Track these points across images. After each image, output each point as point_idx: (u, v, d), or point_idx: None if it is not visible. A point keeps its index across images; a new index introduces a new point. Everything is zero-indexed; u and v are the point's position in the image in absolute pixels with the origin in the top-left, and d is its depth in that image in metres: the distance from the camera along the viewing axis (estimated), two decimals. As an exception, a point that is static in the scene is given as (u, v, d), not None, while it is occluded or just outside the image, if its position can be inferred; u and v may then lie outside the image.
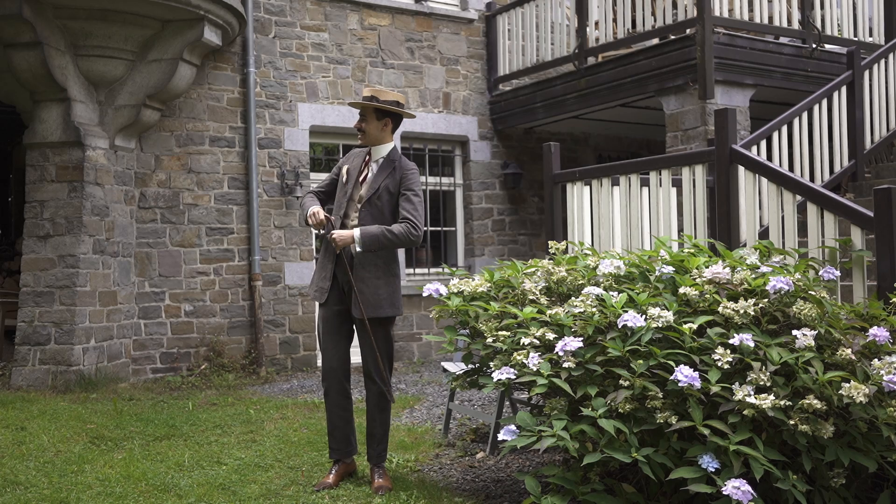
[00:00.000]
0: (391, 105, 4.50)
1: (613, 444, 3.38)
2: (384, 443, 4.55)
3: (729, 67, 7.99)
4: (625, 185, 5.74)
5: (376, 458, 4.53)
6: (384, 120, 4.53)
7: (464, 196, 10.54)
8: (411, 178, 4.48)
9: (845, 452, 3.34)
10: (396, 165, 4.51)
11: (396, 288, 4.52)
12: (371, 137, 4.55)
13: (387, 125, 4.55)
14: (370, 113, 4.51)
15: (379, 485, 4.38)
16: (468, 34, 10.48)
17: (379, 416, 4.53)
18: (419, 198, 4.46)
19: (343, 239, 4.33)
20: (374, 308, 4.42)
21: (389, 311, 4.46)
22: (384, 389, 4.49)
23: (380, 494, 4.27)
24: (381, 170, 4.51)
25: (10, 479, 4.55)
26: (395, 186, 4.46)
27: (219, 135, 8.87)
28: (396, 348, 9.68)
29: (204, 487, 4.38)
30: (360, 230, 4.33)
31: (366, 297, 4.40)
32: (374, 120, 4.51)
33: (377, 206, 4.45)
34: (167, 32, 7.95)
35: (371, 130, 4.53)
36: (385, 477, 4.46)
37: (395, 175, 4.48)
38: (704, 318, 3.59)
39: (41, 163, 7.88)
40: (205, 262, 8.74)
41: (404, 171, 4.49)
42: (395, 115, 4.55)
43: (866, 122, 7.37)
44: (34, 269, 7.77)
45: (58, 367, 7.52)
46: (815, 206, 4.58)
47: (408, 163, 4.57)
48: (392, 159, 4.53)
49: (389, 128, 4.57)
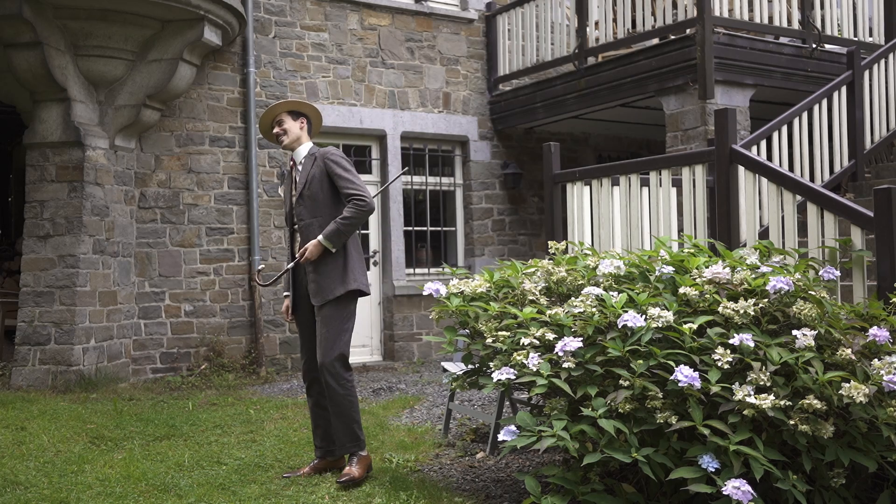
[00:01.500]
0: (302, 107, 4.81)
1: (613, 444, 3.38)
2: (345, 435, 4.54)
3: (729, 67, 7.99)
4: (625, 185, 5.74)
5: (340, 449, 4.59)
6: (299, 120, 4.77)
7: (464, 196, 10.54)
8: (334, 158, 4.64)
9: (845, 452, 3.34)
10: (317, 155, 4.70)
11: (347, 266, 4.56)
12: (292, 136, 4.75)
13: (303, 123, 4.78)
14: (285, 116, 4.75)
15: (344, 471, 4.46)
16: (468, 34, 10.48)
17: (332, 407, 4.55)
18: (350, 171, 4.63)
19: (313, 252, 4.50)
20: (328, 291, 4.52)
21: (341, 289, 4.52)
22: (332, 383, 4.48)
23: (341, 482, 4.33)
24: (305, 165, 4.71)
25: (10, 479, 4.55)
26: (321, 173, 4.62)
27: (219, 135, 8.87)
28: (396, 348, 9.68)
29: (204, 487, 4.38)
30: (322, 235, 4.50)
31: (319, 284, 4.53)
32: (290, 120, 4.75)
33: (309, 196, 4.63)
34: (167, 32, 7.95)
35: (291, 128, 4.74)
36: (356, 465, 4.48)
37: (318, 162, 4.65)
38: (704, 318, 3.59)
39: (41, 163, 7.88)
40: (205, 262, 8.74)
41: (325, 156, 4.66)
42: (308, 116, 4.80)
43: (866, 122, 7.37)
44: (34, 269, 7.76)
45: (58, 367, 7.52)
46: (815, 206, 4.58)
47: (326, 149, 4.73)
48: (312, 153, 4.74)
49: (306, 127, 4.80)
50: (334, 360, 4.49)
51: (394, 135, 9.85)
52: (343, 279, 4.53)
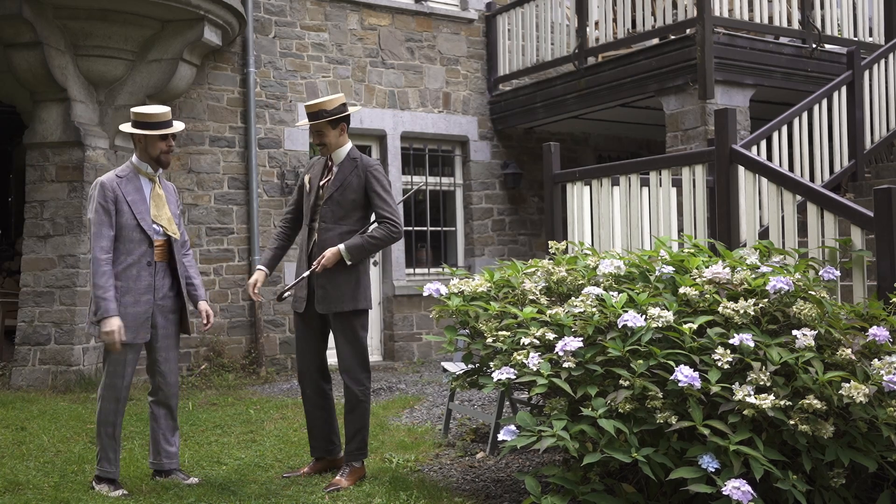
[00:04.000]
0: (340, 111, 4.55)
1: (613, 444, 3.38)
2: (356, 442, 4.55)
3: (729, 67, 7.99)
4: (625, 185, 5.74)
5: (348, 455, 4.56)
6: (339, 126, 4.57)
7: (464, 196, 10.54)
8: (377, 173, 4.52)
9: (845, 452, 3.34)
10: (359, 162, 4.55)
11: (360, 282, 4.53)
12: (332, 147, 4.58)
13: (343, 130, 4.59)
14: (325, 125, 4.53)
15: (333, 480, 4.44)
16: (468, 34, 10.48)
17: (349, 414, 4.55)
18: (389, 193, 4.51)
19: (331, 260, 4.40)
20: (336, 302, 4.47)
21: (351, 305, 4.48)
22: (354, 388, 4.51)
23: (327, 490, 4.31)
24: (343, 169, 4.55)
25: (10, 479, 4.55)
26: (359, 183, 4.50)
27: (219, 135, 8.87)
28: (396, 348, 9.68)
29: (204, 487, 4.38)
30: (345, 245, 4.40)
31: (327, 291, 4.46)
32: (330, 130, 4.54)
33: (338, 202, 4.50)
34: (167, 32, 7.95)
35: (331, 141, 4.56)
36: (346, 476, 4.46)
37: (359, 171, 4.52)
38: (704, 318, 3.59)
39: (41, 163, 7.88)
40: (205, 262, 8.74)
41: (368, 168, 4.52)
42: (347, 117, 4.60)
43: (866, 122, 7.37)
44: (34, 269, 7.77)
45: (58, 367, 7.52)
46: (815, 206, 4.58)
47: (370, 159, 4.61)
48: (353, 157, 4.57)
49: (346, 131, 4.62)
50: (358, 369, 4.52)
51: (394, 135, 9.86)
52: (354, 295, 4.50)
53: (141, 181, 4.44)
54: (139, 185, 4.42)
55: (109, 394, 4.34)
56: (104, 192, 4.30)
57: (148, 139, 4.41)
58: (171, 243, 4.49)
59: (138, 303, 4.34)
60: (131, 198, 4.35)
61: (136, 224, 4.34)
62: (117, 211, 4.30)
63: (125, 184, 4.37)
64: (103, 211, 4.27)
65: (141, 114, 4.42)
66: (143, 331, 4.36)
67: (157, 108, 4.47)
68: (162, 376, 4.48)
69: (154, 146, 4.43)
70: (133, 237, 4.33)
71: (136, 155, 4.48)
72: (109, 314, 4.19)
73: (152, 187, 4.46)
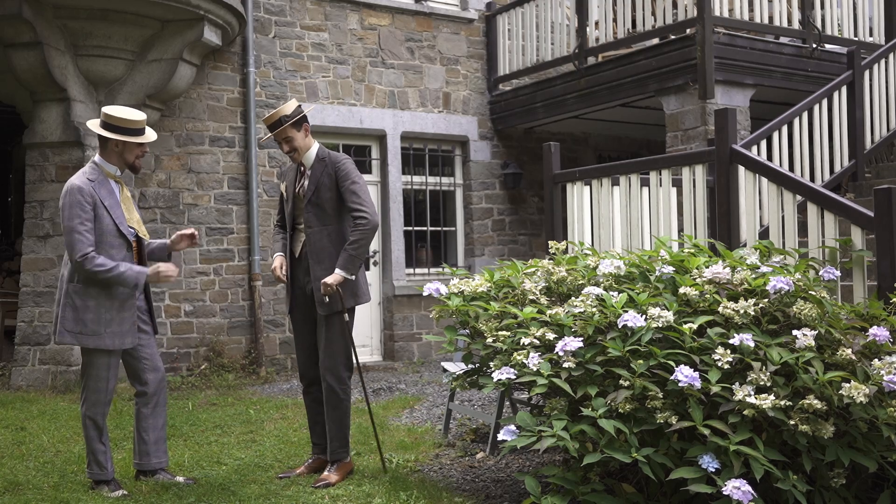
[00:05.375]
0: (299, 111, 4.62)
1: (613, 444, 3.38)
2: (338, 440, 4.58)
3: (729, 67, 7.99)
4: (625, 185, 5.74)
5: (332, 454, 4.59)
6: (303, 128, 4.63)
7: (464, 196, 10.54)
8: (344, 168, 4.58)
9: (845, 452, 3.34)
10: (327, 161, 4.62)
11: (358, 279, 4.60)
12: (302, 150, 4.65)
13: (307, 131, 4.65)
14: (290, 129, 4.59)
15: (321, 476, 4.48)
16: (468, 34, 10.48)
17: (332, 412, 4.57)
18: (358, 184, 4.56)
19: (338, 282, 4.45)
20: (336, 303, 4.51)
21: (351, 302, 4.57)
22: (336, 386, 4.54)
23: (317, 486, 4.36)
24: (315, 171, 4.62)
25: (10, 479, 4.55)
26: (331, 181, 4.57)
27: (219, 135, 8.87)
28: (396, 348, 9.68)
29: (204, 487, 4.38)
30: (339, 269, 4.47)
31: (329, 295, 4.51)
32: (296, 133, 4.61)
33: (317, 204, 4.57)
34: (167, 32, 7.95)
35: (299, 144, 4.63)
36: (335, 471, 4.51)
37: (329, 169, 4.59)
38: (704, 318, 3.59)
39: (41, 163, 7.88)
40: (205, 262, 8.74)
41: (335, 164, 4.59)
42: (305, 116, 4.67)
43: (866, 122, 7.37)
44: (34, 269, 7.77)
45: (58, 367, 7.52)
46: (815, 206, 4.58)
47: (337, 155, 4.67)
48: (321, 158, 4.65)
49: (309, 132, 4.68)
50: (341, 368, 4.55)
51: (394, 135, 9.85)
52: (354, 292, 4.59)
53: (111, 184, 4.35)
54: (110, 188, 4.33)
55: (94, 397, 4.31)
56: (83, 197, 4.19)
57: (126, 145, 4.34)
58: (141, 245, 4.45)
59: (124, 307, 4.30)
60: (108, 202, 4.27)
61: (116, 228, 4.27)
62: (96, 216, 4.21)
63: (98, 188, 4.26)
64: (86, 216, 4.17)
65: (119, 118, 4.31)
66: (131, 336, 4.33)
67: (134, 114, 4.37)
68: (153, 371, 4.46)
69: (132, 152, 4.38)
70: (114, 242, 4.27)
71: (100, 156, 4.36)
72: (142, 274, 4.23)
73: (120, 189, 4.40)
